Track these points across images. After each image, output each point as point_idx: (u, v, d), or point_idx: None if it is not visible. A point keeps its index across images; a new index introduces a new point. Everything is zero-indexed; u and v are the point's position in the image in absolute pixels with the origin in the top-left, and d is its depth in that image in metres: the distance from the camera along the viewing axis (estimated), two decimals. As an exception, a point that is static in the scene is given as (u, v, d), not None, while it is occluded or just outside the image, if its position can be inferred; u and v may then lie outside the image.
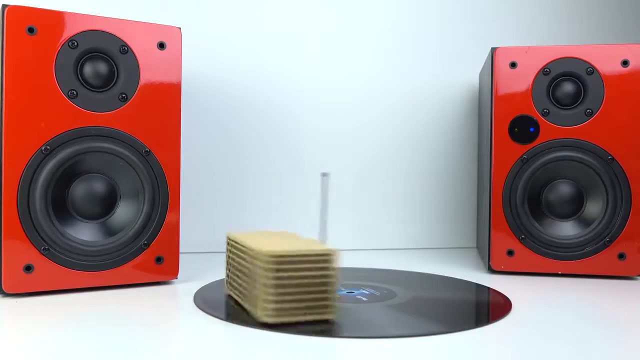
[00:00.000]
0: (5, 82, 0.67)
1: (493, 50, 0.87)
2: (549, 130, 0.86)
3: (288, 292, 0.56)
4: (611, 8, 1.19)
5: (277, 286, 0.56)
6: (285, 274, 0.56)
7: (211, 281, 0.78)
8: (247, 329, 0.56)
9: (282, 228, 1.08)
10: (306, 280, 0.57)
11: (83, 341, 0.52)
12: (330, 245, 0.58)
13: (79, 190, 0.73)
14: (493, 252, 0.87)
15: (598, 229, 0.85)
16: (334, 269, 0.58)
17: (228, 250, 0.68)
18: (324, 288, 0.58)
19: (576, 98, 0.86)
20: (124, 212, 0.75)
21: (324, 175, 0.63)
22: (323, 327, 0.56)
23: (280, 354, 0.49)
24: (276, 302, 0.56)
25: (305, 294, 0.57)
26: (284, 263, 0.56)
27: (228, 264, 0.68)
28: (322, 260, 0.57)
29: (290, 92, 1.08)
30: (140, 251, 0.74)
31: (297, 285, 0.57)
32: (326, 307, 0.58)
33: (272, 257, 0.55)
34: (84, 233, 0.72)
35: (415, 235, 1.13)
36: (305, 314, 0.57)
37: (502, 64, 0.87)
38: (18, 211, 0.68)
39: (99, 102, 0.72)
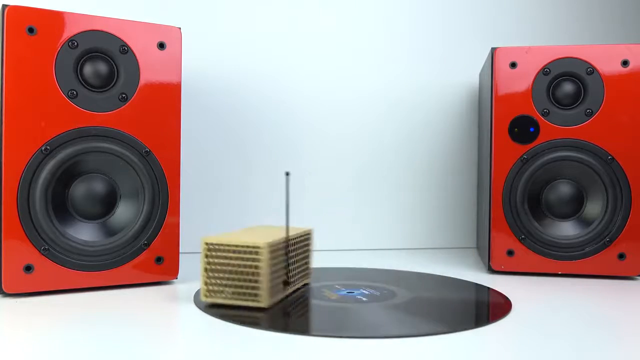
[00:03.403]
0: (5, 82, 0.67)
1: (493, 50, 0.87)
2: (549, 130, 0.86)
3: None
4: (611, 8, 1.19)
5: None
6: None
7: (211, 281, 0.78)
8: (247, 329, 0.56)
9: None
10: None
11: (83, 341, 0.52)
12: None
13: (79, 190, 0.73)
14: (493, 252, 0.87)
15: (598, 229, 0.85)
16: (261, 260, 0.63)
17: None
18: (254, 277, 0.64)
19: (576, 98, 0.86)
20: (124, 212, 0.75)
21: (287, 174, 0.66)
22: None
23: (280, 353, 0.49)
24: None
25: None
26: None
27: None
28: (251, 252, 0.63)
29: (290, 91, 1.08)
30: (140, 251, 0.74)
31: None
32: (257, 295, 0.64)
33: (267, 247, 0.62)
34: (84, 233, 0.72)
35: (415, 235, 1.13)
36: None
37: (502, 64, 0.87)
38: (18, 211, 0.68)
39: (99, 102, 0.72)
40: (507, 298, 0.71)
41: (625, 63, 0.84)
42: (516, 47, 0.87)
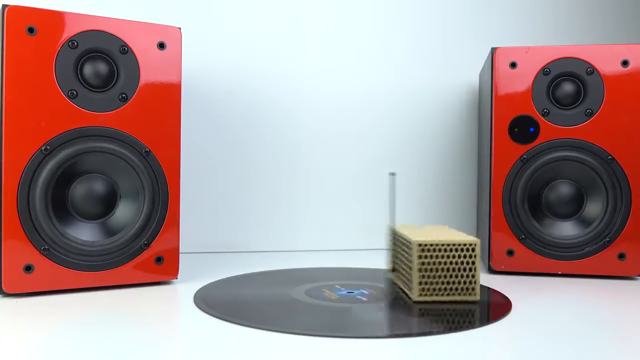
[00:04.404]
0: (5, 82, 0.67)
1: (493, 50, 0.87)
2: (549, 130, 0.86)
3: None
4: (611, 8, 1.19)
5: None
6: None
7: (211, 281, 0.78)
8: (246, 329, 0.56)
9: (282, 228, 1.08)
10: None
11: (83, 341, 0.52)
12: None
13: (79, 190, 0.73)
14: (493, 252, 0.87)
15: (598, 229, 0.85)
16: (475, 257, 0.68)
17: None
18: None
19: (576, 98, 0.86)
20: (124, 212, 0.75)
21: (392, 174, 0.67)
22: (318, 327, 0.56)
23: (280, 353, 0.49)
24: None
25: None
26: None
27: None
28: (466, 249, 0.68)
29: (290, 91, 1.08)
30: (140, 251, 0.74)
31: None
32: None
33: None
34: (84, 233, 0.72)
35: (415, 235, 1.13)
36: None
37: (502, 64, 0.87)
38: (18, 211, 0.68)
39: (99, 102, 0.72)
40: (507, 298, 0.71)
41: (625, 63, 0.84)
42: (516, 47, 0.87)
